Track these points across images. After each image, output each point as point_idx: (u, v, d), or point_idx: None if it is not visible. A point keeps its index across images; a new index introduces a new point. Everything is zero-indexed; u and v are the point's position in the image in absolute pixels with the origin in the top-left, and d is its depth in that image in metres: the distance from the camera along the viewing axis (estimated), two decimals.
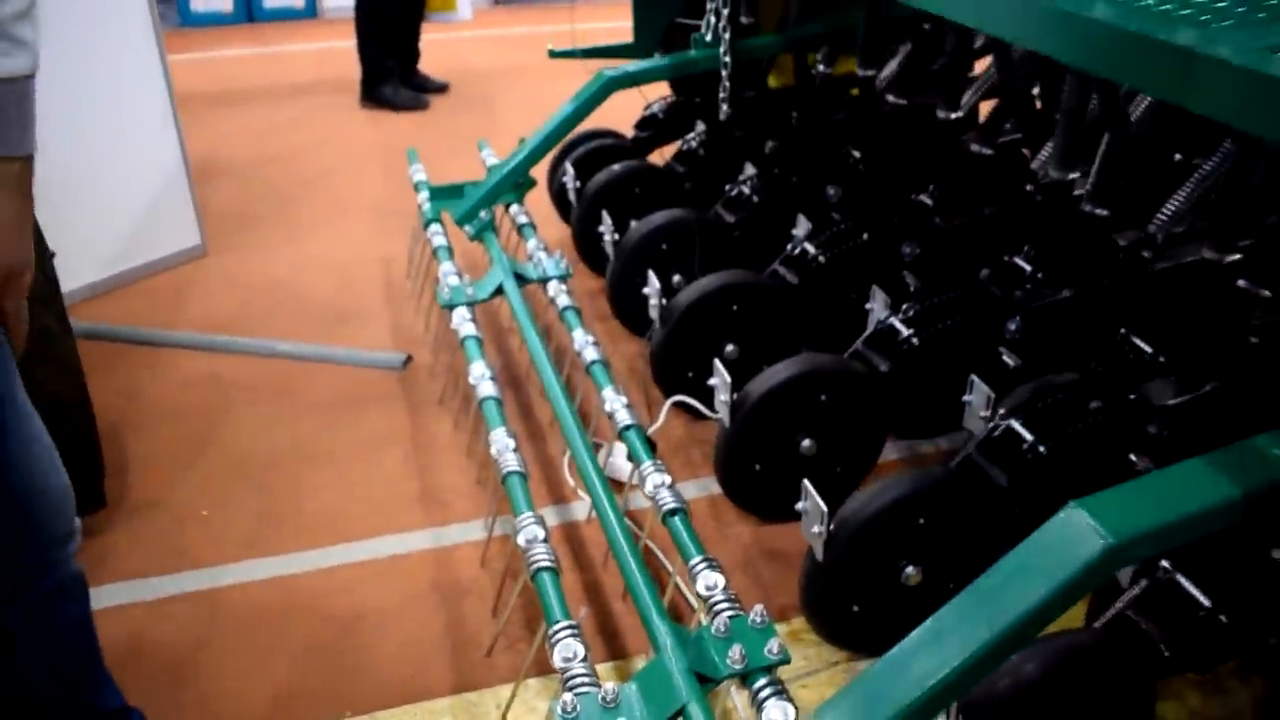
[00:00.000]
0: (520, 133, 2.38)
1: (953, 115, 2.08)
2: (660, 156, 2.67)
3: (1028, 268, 1.81)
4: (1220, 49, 0.96)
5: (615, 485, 1.68)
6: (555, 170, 2.67)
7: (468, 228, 2.16)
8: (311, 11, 5.78)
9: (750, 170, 2.28)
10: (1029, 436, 1.38)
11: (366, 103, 4.12)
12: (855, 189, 2.20)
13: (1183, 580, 1.20)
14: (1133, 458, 1.45)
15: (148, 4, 2.50)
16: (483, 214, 2.17)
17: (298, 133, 3.84)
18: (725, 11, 2.13)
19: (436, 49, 4.59)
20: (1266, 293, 1.50)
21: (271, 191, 3.27)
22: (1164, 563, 1.21)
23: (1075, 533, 0.97)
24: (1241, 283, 1.54)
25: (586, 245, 2.38)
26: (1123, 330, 1.61)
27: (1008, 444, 1.41)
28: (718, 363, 1.54)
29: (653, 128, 2.72)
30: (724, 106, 2.22)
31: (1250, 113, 0.93)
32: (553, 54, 2.78)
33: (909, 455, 1.93)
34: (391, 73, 4.14)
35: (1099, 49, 1.15)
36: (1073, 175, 1.77)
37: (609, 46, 2.79)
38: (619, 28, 2.87)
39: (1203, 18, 1.10)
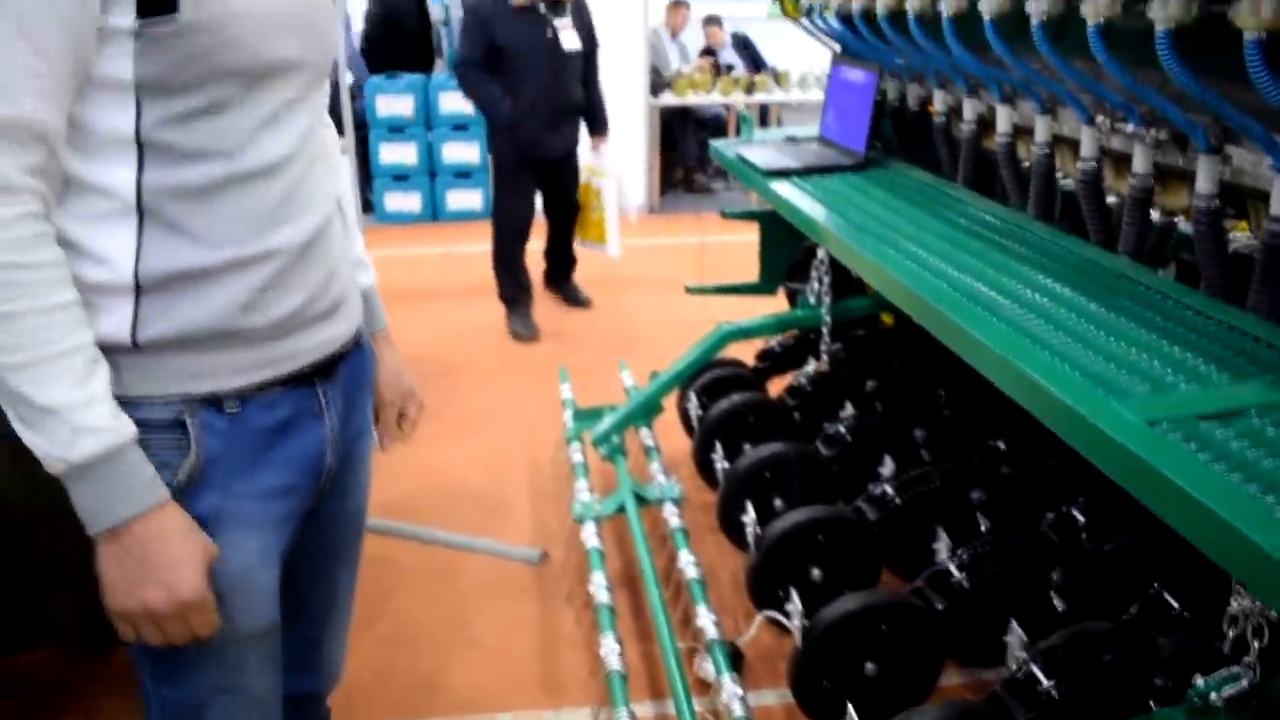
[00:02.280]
0: (657, 343, 2.79)
1: None
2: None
3: (1081, 518, 2.08)
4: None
5: (706, 686, 1.99)
6: (683, 396, 3.08)
7: (601, 449, 2.57)
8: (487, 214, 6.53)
9: (849, 409, 2.63)
10: (1045, 680, 1.65)
11: None
12: (941, 431, 2.52)
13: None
14: (1151, 703, 1.69)
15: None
16: (614, 438, 2.58)
17: (468, 330, 4.41)
18: (827, 280, 2.53)
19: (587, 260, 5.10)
20: None
21: (441, 386, 3.80)
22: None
23: None
24: None
25: (705, 466, 2.75)
26: (1155, 585, 1.86)
27: (1029, 684, 1.67)
28: (793, 591, 1.86)
29: (771, 360, 3.11)
30: (824, 357, 2.60)
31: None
32: (689, 290, 3.23)
33: (971, 680, 2.18)
34: (515, 301, 4.47)
35: None
36: None
37: (737, 285, 3.22)
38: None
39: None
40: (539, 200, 4.53)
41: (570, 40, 4.15)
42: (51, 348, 0.93)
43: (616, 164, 4.66)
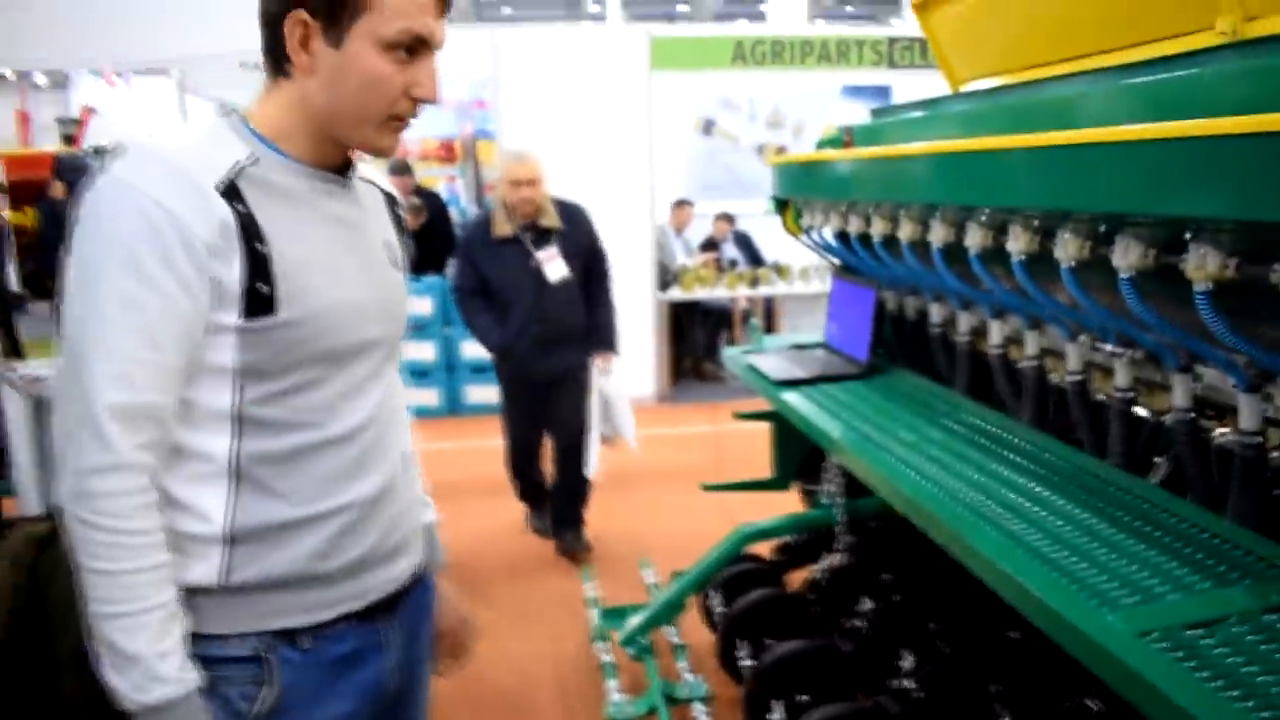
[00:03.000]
0: (676, 537, 2.90)
1: None
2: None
3: (1095, 707, 2.16)
4: None
5: None
6: (705, 593, 3.18)
7: (629, 649, 2.66)
8: None
9: (867, 604, 2.73)
10: None
11: None
12: (956, 622, 2.61)
13: None
14: None
15: None
16: (641, 639, 2.67)
17: (489, 526, 4.52)
18: (840, 482, 2.68)
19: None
20: None
21: (463, 583, 3.87)
22: None
23: None
24: None
25: (730, 663, 2.83)
26: None
27: None
28: None
29: (789, 553, 3.22)
30: (839, 555, 2.72)
31: None
32: (705, 488, 3.37)
33: None
34: (533, 500, 4.48)
35: None
36: None
37: (752, 483, 3.36)
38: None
39: None
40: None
41: (556, 270, 3.96)
42: (142, 603, 1.08)
43: (622, 379, 4.39)
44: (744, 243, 8.23)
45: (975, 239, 2.00)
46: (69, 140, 12.68)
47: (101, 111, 12.54)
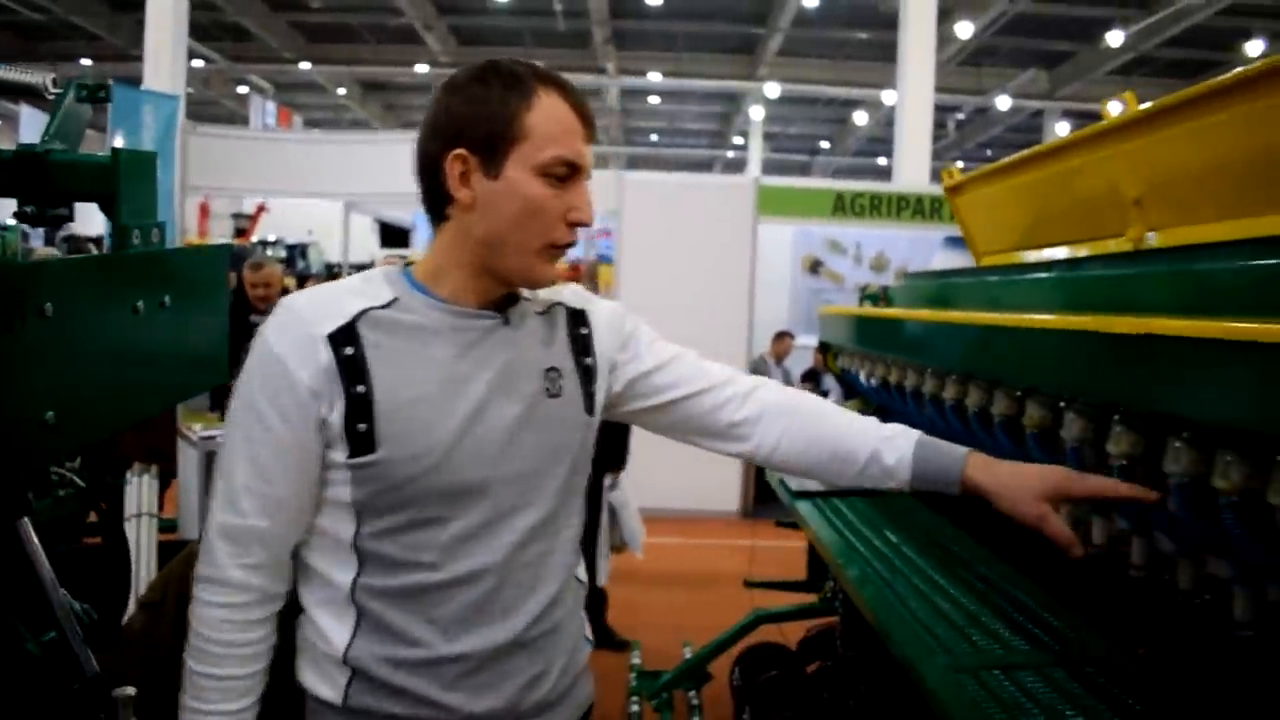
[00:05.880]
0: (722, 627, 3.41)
1: None
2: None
3: None
4: None
5: None
6: (731, 670, 3.67)
7: (654, 703, 3.19)
8: None
9: (862, 690, 3.19)
10: None
11: None
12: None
13: None
14: None
15: None
16: (665, 695, 3.20)
17: None
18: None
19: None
20: None
21: None
22: None
23: None
24: None
25: None
26: None
27: None
28: None
29: (813, 643, 3.69)
30: (840, 646, 3.20)
31: None
32: (748, 584, 3.89)
33: None
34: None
35: None
36: None
37: (788, 582, 3.86)
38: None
39: None
40: None
41: None
42: (207, 705, 1.21)
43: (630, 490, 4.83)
44: (842, 375, 8.70)
45: (999, 407, 2.06)
46: (240, 233, 13.90)
47: (272, 210, 13.80)
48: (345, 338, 1.20)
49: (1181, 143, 2.12)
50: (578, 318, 1.39)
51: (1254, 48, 14.02)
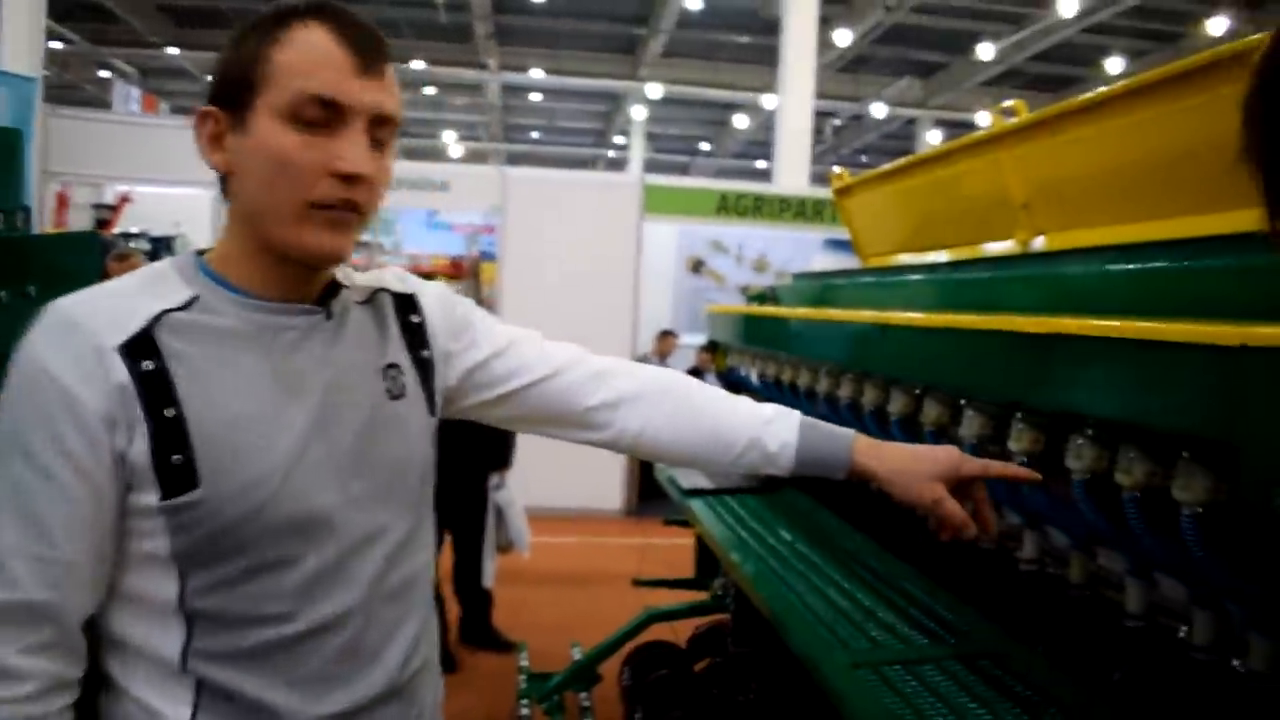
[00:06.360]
0: (609, 627, 3.40)
1: None
2: None
3: None
4: None
5: None
6: (621, 671, 3.65)
7: (545, 705, 3.15)
8: None
9: (753, 686, 3.21)
10: None
11: None
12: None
13: None
14: None
15: None
16: (555, 697, 3.16)
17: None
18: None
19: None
20: None
21: None
22: None
23: None
24: None
25: None
26: None
27: None
28: None
29: (702, 641, 3.71)
30: (731, 642, 3.22)
31: None
32: (636, 583, 3.88)
33: None
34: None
35: None
36: None
37: (676, 580, 3.87)
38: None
39: None
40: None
41: None
42: None
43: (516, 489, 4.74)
44: (727, 373, 8.80)
45: (897, 405, 2.11)
46: (102, 225, 13.24)
47: (137, 200, 13.21)
48: (141, 349, 0.96)
49: (1070, 150, 2.19)
50: (407, 304, 1.20)
51: (1114, 65, 14.79)
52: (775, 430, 1.31)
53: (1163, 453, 1.28)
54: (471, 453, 4.30)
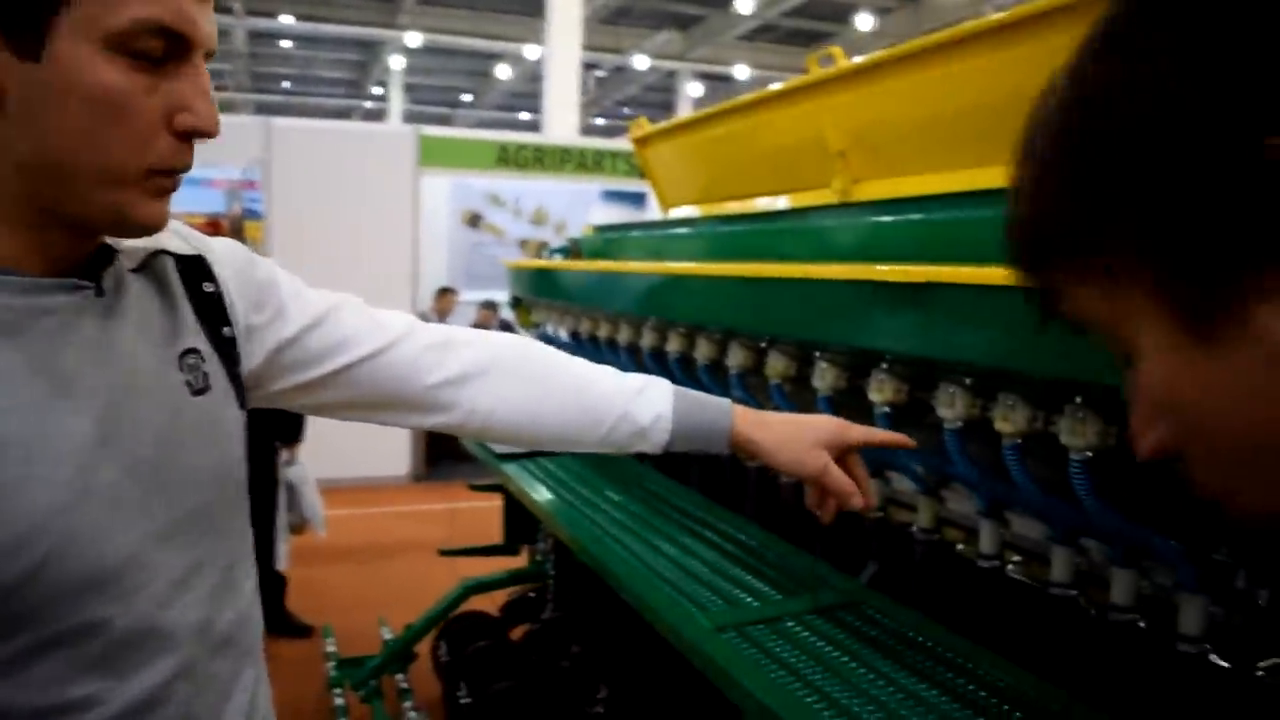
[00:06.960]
0: (415, 601, 3.25)
1: None
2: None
3: None
4: None
5: None
6: (435, 644, 3.52)
7: (361, 692, 2.97)
8: None
9: (574, 649, 3.15)
10: None
11: None
12: (640, 657, 3.07)
13: None
14: None
15: None
16: (372, 682, 2.99)
17: None
18: (552, 542, 3.12)
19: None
20: None
21: None
22: None
23: None
24: None
25: (451, 701, 3.18)
26: None
27: None
28: None
29: (515, 609, 3.62)
30: (550, 608, 3.15)
31: None
32: (442, 553, 3.73)
33: None
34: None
35: None
36: None
37: (484, 547, 3.75)
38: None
39: None
40: None
41: None
42: None
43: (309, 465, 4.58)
44: (507, 330, 8.68)
45: (736, 358, 2.15)
46: None
47: None
48: None
49: (887, 99, 2.20)
50: (195, 268, 0.93)
51: (863, 21, 15.45)
52: (647, 400, 1.17)
53: (1045, 399, 1.29)
54: (258, 426, 3.98)
